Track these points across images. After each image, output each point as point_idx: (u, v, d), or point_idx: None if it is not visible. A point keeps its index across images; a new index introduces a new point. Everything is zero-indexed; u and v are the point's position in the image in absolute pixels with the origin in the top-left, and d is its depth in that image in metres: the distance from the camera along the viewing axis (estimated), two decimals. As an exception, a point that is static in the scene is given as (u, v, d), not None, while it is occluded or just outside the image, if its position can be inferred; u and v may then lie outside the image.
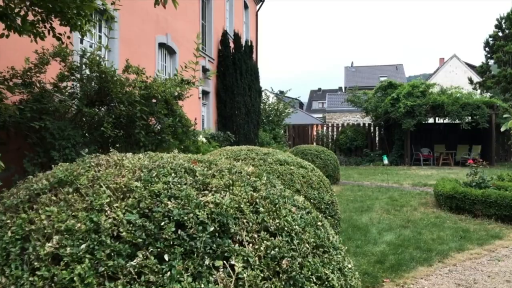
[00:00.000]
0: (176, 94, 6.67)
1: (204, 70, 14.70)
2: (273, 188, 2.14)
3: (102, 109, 6.05)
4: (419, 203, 9.55)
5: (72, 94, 5.75)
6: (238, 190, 1.82)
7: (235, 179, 1.96)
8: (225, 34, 15.71)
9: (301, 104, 59.63)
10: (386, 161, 19.42)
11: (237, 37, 15.71)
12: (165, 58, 12.03)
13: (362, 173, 17.02)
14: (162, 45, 11.57)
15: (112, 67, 5.60)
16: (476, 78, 27.95)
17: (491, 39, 24.43)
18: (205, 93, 14.90)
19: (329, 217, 4.15)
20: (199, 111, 14.14)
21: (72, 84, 5.75)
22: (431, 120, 22.38)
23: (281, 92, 26.53)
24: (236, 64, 15.23)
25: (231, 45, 15.73)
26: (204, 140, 7.67)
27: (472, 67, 38.48)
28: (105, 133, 5.26)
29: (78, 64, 5.90)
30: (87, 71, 5.86)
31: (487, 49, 24.73)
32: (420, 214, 8.27)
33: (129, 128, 5.83)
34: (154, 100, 6.07)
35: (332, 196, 4.38)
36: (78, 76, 5.80)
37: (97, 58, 5.64)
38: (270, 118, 20.82)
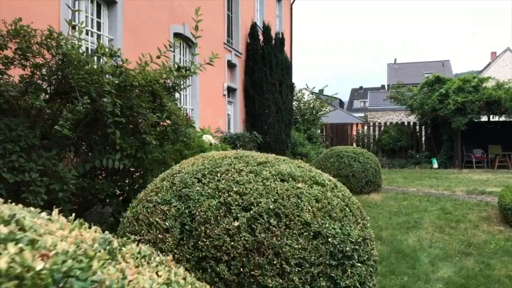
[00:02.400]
0: (170, 84, 5.27)
1: (231, 65, 13.30)
2: None
3: (79, 103, 4.71)
4: (480, 217, 7.70)
5: (31, 85, 4.44)
6: None
7: None
8: (254, 26, 14.25)
9: (341, 103, 57.27)
10: (435, 165, 17.26)
11: (267, 29, 14.21)
12: (182, 50, 10.71)
13: (407, 177, 15.09)
14: (178, 36, 10.23)
15: (76, 47, 4.23)
16: (535, 72, 25.06)
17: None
18: (231, 90, 13.49)
19: (358, 264, 2.58)
20: (224, 110, 12.74)
21: (31, 72, 4.44)
22: (484, 118, 20.02)
23: (320, 90, 24.79)
24: (265, 58, 13.72)
25: (261, 37, 14.24)
26: (213, 141, 6.24)
27: (528, 60, 35.10)
28: (62, 133, 3.90)
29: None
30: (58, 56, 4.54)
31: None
32: (483, 234, 6.47)
33: (105, 126, 4.47)
34: (138, 91, 4.69)
35: (364, 229, 2.79)
36: (40, 61, 4.48)
37: (59, 36, 4.29)
38: (306, 117, 19.17)
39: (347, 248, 2.53)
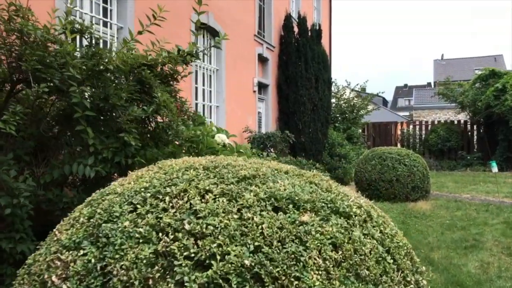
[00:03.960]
0: (168, 71, 4.25)
1: (262, 59, 12.21)
2: None
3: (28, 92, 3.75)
4: (557, 235, 6.22)
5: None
6: None
7: None
8: (288, 17, 13.06)
9: (384, 102, 54.81)
10: (495, 169, 15.25)
11: (302, 19, 12.98)
12: (207, 42, 9.71)
13: (458, 181, 13.46)
14: (201, 25, 9.23)
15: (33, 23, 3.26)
16: None
17: None
18: (263, 86, 12.38)
19: None
20: (255, 108, 11.65)
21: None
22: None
23: (362, 88, 23.24)
24: (300, 51, 12.51)
25: (295, 30, 13.04)
26: (227, 141, 5.19)
27: None
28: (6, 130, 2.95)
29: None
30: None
31: None
32: None
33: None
34: (123, 78, 3.69)
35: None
36: None
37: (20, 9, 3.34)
38: (346, 115, 17.78)
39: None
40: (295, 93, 12.37)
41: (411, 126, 20.90)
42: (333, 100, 17.59)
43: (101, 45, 4.25)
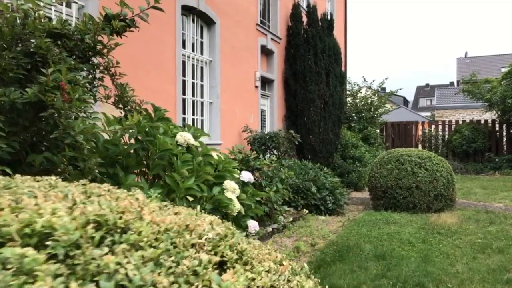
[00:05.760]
0: (90, 43, 2.99)
1: (266, 51, 10.90)
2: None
3: None
4: None
5: None
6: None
7: None
8: (296, 6, 11.72)
9: (405, 101, 52.70)
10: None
11: (312, 9, 11.61)
12: (197, 30, 8.44)
13: (486, 186, 11.84)
14: (190, 10, 7.99)
15: None
16: None
17: None
18: (267, 82, 11.06)
19: None
20: (257, 105, 10.33)
21: None
22: None
23: (382, 88, 21.66)
24: (309, 43, 11.14)
25: (304, 20, 11.69)
26: (192, 141, 3.92)
27: None
28: None
29: None
30: None
31: None
32: None
33: None
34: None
35: None
36: None
37: None
38: (362, 114, 16.28)
39: None
40: (304, 89, 11.02)
41: (433, 126, 19.21)
42: (348, 99, 16.16)
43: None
